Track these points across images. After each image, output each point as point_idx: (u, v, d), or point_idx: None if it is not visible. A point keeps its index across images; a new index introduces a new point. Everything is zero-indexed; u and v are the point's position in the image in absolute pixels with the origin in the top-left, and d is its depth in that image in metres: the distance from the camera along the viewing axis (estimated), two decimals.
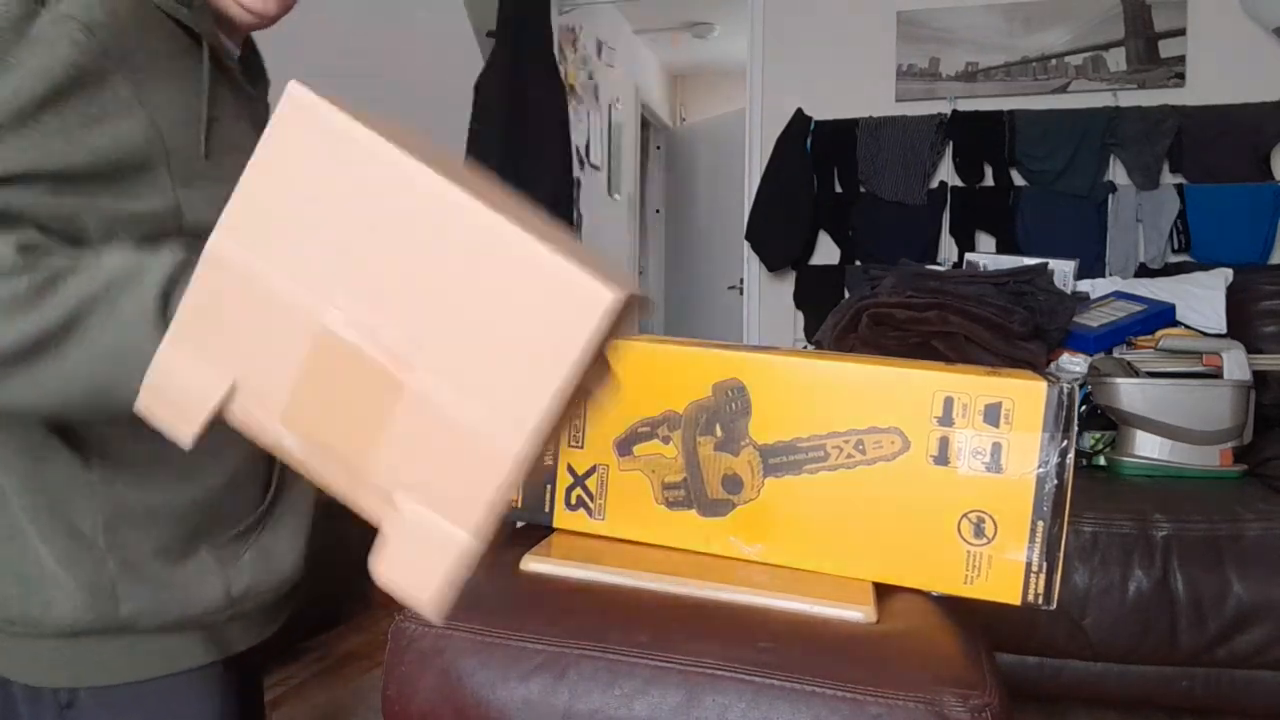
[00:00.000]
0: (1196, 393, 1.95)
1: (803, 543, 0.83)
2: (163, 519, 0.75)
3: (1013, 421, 0.77)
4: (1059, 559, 0.77)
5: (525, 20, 3.19)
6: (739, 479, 0.85)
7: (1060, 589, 1.41)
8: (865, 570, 0.82)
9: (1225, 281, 2.48)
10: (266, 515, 0.82)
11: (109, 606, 0.72)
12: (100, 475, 0.73)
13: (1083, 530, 1.73)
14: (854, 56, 3.48)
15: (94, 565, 0.72)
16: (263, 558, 0.80)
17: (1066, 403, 0.76)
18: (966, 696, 0.65)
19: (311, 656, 2.17)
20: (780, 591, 0.78)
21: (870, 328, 2.23)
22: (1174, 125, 3.10)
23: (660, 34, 5.59)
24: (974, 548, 0.79)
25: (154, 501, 0.74)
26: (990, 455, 0.78)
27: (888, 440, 0.80)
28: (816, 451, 0.82)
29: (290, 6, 0.78)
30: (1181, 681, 1.73)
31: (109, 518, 0.73)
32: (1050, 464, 0.77)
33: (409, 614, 0.77)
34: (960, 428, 0.78)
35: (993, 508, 0.78)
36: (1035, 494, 0.77)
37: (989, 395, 0.78)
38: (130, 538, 0.74)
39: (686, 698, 0.68)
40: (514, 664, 0.72)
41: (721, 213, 5.24)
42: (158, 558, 0.74)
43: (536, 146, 3.11)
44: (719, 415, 0.85)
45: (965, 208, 3.34)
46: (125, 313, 0.56)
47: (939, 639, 0.73)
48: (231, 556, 0.79)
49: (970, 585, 0.79)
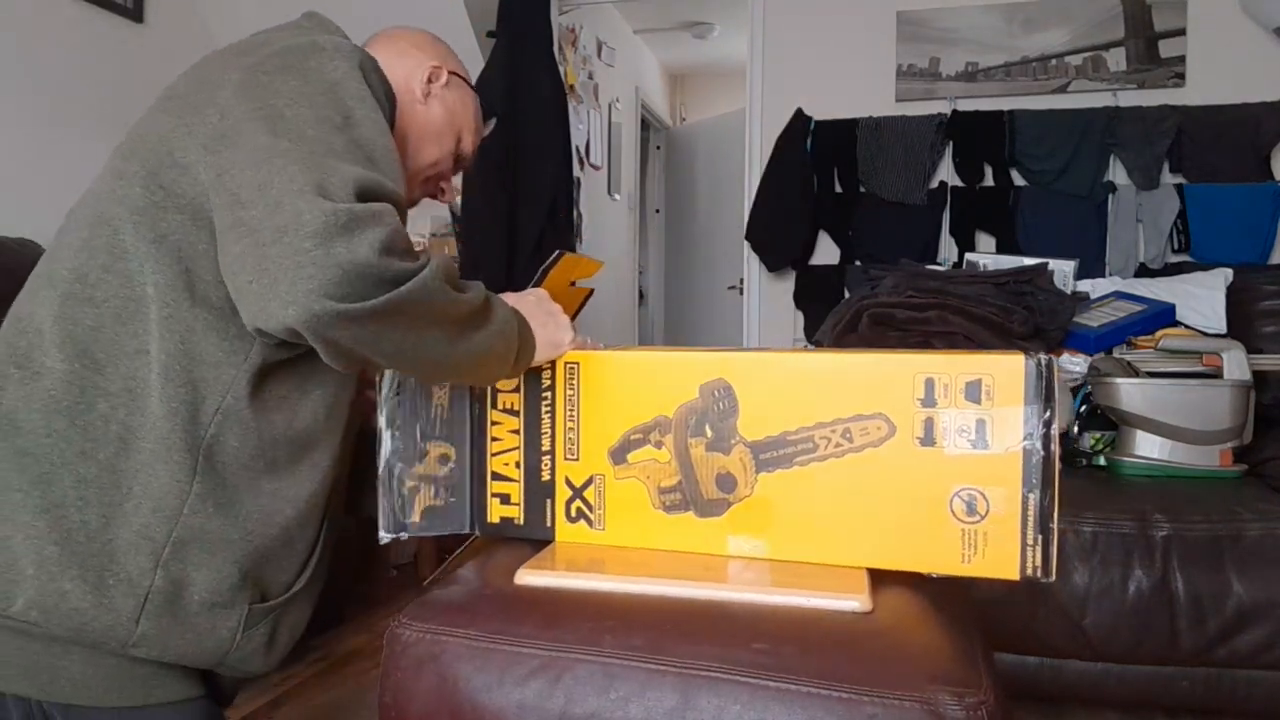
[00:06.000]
0: (1196, 393, 1.95)
1: (800, 535, 0.84)
2: (231, 554, 0.77)
3: (994, 397, 0.78)
4: (1053, 530, 0.77)
5: (525, 20, 3.19)
6: (732, 477, 0.85)
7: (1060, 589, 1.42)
8: (864, 558, 0.82)
9: (1225, 281, 2.48)
10: (298, 594, 0.85)
11: (127, 619, 0.73)
12: (201, 490, 0.75)
13: (1083, 530, 1.73)
14: (854, 56, 3.48)
15: (139, 573, 0.73)
16: (268, 639, 0.83)
17: (1046, 373, 0.76)
18: (962, 695, 0.64)
19: (312, 656, 2.17)
20: (774, 586, 0.78)
21: (870, 328, 2.23)
22: (1174, 125, 3.10)
23: (660, 34, 5.59)
24: (968, 526, 0.79)
25: (233, 535, 0.77)
26: (975, 432, 0.79)
27: (874, 426, 0.81)
28: (805, 443, 0.83)
29: None
30: (1181, 681, 1.73)
31: (187, 534, 0.74)
32: (1035, 435, 0.77)
33: (404, 619, 0.78)
34: (943, 408, 0.79)
35: (983, 484, 0.78)
36: (1023, 467, 0.77)
37: (968, 373, 0.78)
38: (193, 559, 0.75)
39: (682, 700, 0.68)
40: (509, 668, 0.72)
41: (721, 213, 5.24)
42: (199, 591, 0.76)
43: (536, 146, 3.11)
44: (708, 416, 0.86)
45: (965, 208, 3.34)
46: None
47: (935, 636, 0.73)
48: (252, 624, 0.80)
49: (969, 564, 0.79)
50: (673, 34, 5.62)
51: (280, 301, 0.64)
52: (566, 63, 4.13)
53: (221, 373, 0.76)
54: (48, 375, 0.74)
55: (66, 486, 0.72)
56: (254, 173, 0.69)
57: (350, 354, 0.69)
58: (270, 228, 0.65)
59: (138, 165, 0.78)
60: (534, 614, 0.77)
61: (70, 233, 0.81)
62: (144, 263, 0.75)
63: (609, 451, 0.89)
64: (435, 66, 1.01)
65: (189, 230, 0.75)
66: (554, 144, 3.14)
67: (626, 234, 5.39)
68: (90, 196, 0.82)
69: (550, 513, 0.92)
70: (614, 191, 5.06)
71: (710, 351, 0.88)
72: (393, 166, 0.76)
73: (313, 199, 0.65)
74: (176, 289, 0.75)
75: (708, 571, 0.83)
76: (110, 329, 0.75)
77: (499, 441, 0.93)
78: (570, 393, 0.90)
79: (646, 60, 5.91)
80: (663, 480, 0.88)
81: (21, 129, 2.45)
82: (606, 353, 0.90)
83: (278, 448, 0.79)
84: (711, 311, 5.48)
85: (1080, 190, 3.19)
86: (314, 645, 2.24)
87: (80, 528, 0.72)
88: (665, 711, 0.68)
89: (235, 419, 0.76)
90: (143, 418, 0.74)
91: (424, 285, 0.68)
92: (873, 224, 3.41)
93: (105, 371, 0.74)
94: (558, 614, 0.76)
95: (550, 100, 3.16)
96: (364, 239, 0.65)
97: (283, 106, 0.73)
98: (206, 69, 0.81)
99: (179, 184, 0.75)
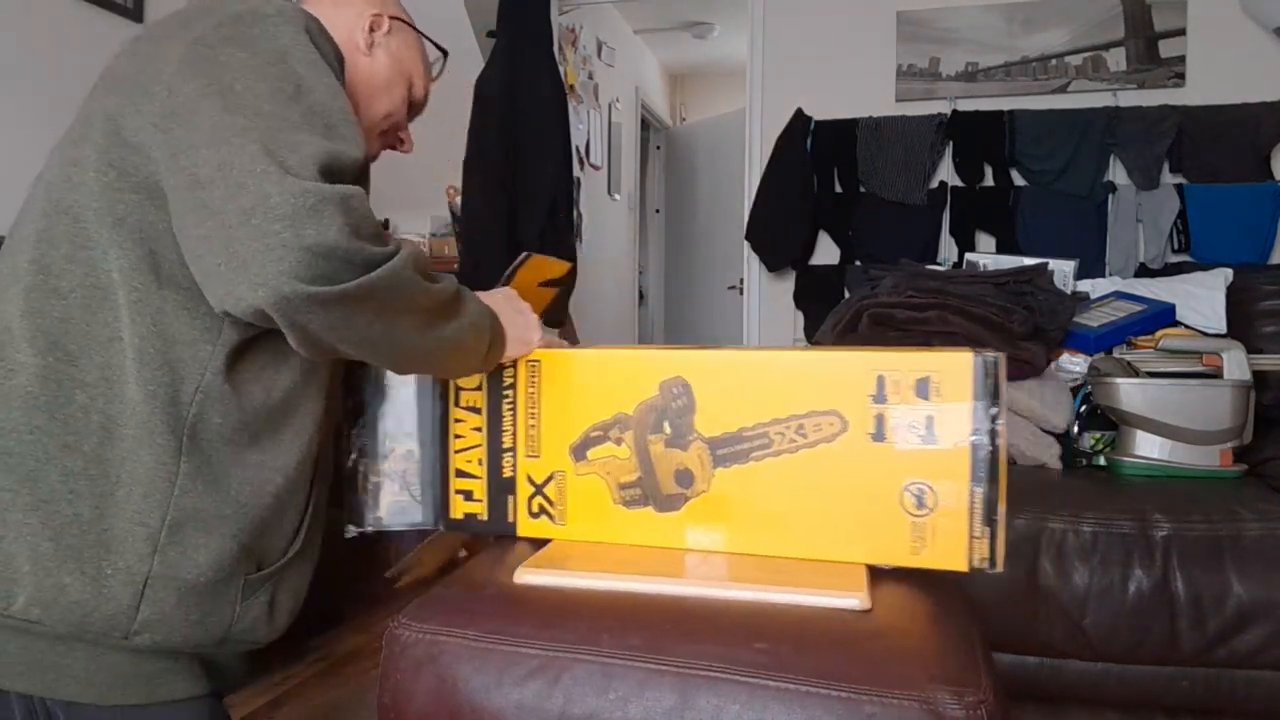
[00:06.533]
0: (1196, 393, 1.95)
1: (757, 529, 0.86)
2: (227, 529, 0.76)
3: (943, 393, 0.80)
4: (999, 522, 0.79)
5: (525, 20, 3.19)
6: (690, 473, 0.87)
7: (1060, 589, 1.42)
8: (818, 550, 0.84)
9: (1225, 281, 2.48)
10: (293, 558, 0.84)
11: (126, 608, 0.73)
12: (189, 469, 0.74)
13: (1083, 530, 1.73)
14: (854, 56, 3.48)
15: (137, 559, 0.73)
16: (268, 606, 0.83)
17: (993, 371, 0.78)
18: (961, 694, 0.64)
19: (312, 656, 2.17)
20: (773, 584, 0.79)
21: (870, 328, 2.23)
22: (1174, 125, 3.10)
23: (660, 34, 5.59)
24: (918, 518, 0.81)
25: (225, 510, 0.76)
26: (925, 428, 0.80)
27: (827, 422, 0.83)
28: (761, 439, 0.85)
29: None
30: (1181, 681, 1.72)
31: (181, 516, 0.74)
32: (982, 431, 0.79)
33: (403, 619, 0.78)
34: (894, 404, 0.81)
35: (932, 478, 0.80)
36: (971, 461, 0.79)
37: (918, 371, 0.80)
38: (190, 540, 0.75)
39: (681, 700, 0.68)
40: (508, 669, 0.72)
41: (721, 213, 5.24)
42: (198, 570, 0.75)
43: (536, 146, 3.11)
44: (666, 413, 0.88)
45: (965, 208, 3.34)
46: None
47: (934, 635, 0.73)
48: (250, 593, 0.80)
49: (918, 555, 0.82)
50: (673, 34, 5.62)
51: (249, 284, 0.64)
52: (566, 63, 4.14)
53: (198, 351, 0.75)
54: (21, 371, 0.73)
55: (54, 481, 0.72)
56: (211, 152, 0.68)
57: (319, 340, 0.69)
58: (235, 209, 0.65)
59: (89, 150, 0.76)
60: (532, 614, 0.77)
61: (26, 225, 0.79)
62: (107, 249, 0.74)
63: (570, 448, 0.91)
64: (376, 15, 0.97)
65: (147, 210, 0.74)
66: (554, 144, 3.14)
67: (626, 234, 5.39)
68: (42, 186, 0.80)
69: (513, 508, 0.94)
70: (614, 191, 5.06)
71: (669, 350, 0.90)
72: (351, 129, 0.75)
73: (279, 179, 0.65)
74: (141, 272, 0.74)
75: (707, 568, 0.84)
76: (79, 319, 0.74)
77: (462, 439, 0.95)
78: (532, 390, 0.92)
79: (646, 60, 5.91)
80: (622, 476, 0.90)
81: (22, 129, 2.45)
82: (567, 351, 0.92)
83: (260, 419, 0.79)
84: (711, 311, 5.48)
85: (1080, 190, 3.19)
86: (314, 645, 2.24)
87: (73, 521, 0.72)
88: (664, 711, 0.68)
89: (215, 395, 0.75)
90: (122, 405, 0.73)
91: (394, 272, 0.69)
92: (873, 224, 3.41)
93: (79, 363, 0.74)
94: (556, 614, 0.76)
95: (550, 100, 3.16)
96: (334, 221, 0.65)
97: (232, 80, 0.71)
98: (148, 44, 0.79)
99: (131, 163, 0.74)
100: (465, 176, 3.11)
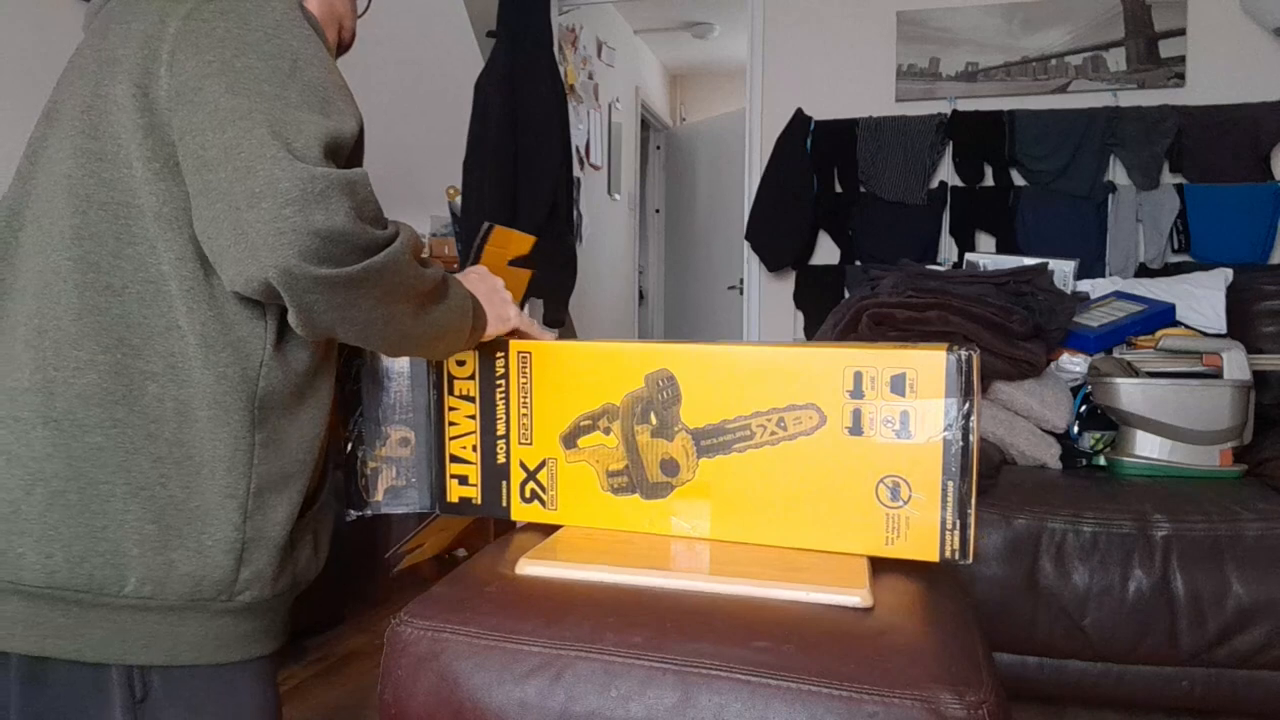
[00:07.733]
0: (1196, 393, 1.95)
1: (738, 517, 0.89)
2: (297, 485, 0.82)
3: (917, 390, 0.82)
4: (970, 516, 0.82)
5: (525, 20, 3.19)
6: (675, 462, 0.91)
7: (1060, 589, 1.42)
8: (796, 539, 0.87)
9: (1225, 281, 2.48)
10: (326, 500, 0.90)
11: (230, 572, 0.78)
12: (262, 438, 0.79)
13: (1083, 530, 1.73)
14: (854, 56, 3.48)
15: (232, 528, 0.78)
16: (313, 545, 0.89)
17: (966, 368, 0.81)
18: (963, 694, 0.64)
19: (312, 656, 2.17)
20: (776, 580, 0.79)
21: (870, 328, 2.23)
22: (1174, 125, 3.10)
23: (660, 34, 5.59)
24: (892, 510, 0.84)
25: (291, 469, 0.82)
26: (900, 423, 0.83)
27: (806, 416, 0.86)
28: (743, 431, 0.88)
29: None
30: (1181, 681, 1.73)
31: (261, 482, 0.79)
32: (955, 426, 0.81)
33: (405, 616, 0.78)
34: (870, 399, 0.84)
35: (906, 472, 0.83)
36: (944, 456, 0.82)
37: (894, 367, 0.83)
38: (270, 502, 0.80)
39: (683, 698, 0.68)
40: (510, 666, 0.73)
41: (721, 213, 5.24)
42: (281, 526, 0.81)
43: (536, 146, 3.11)
44: (652, 404, 0.91)
45: (965, 208, 3.34)
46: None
47: (935, 635, 0.73)
48: (302, 536, 0.86)
49: (891, 546, 0.84)
50: (673, 34, 5.62)
51: (259, 265, 0.67)
52: (566, 63, 4.14)
53: (255, 328, 0.78)
54: (90, 369, 0.75)
55: (146, 468, 0.75)
56: (217, 135, 0.70)
57: (321, 321, 0.72)
58: (244, 192, 0.67)
59: (109, 143, 0.76)
60: (534, 611, 0.77)
61: (48, 221, 0.78)
62: (154, 242, 0.76)
63: (560, 437, 0.95)
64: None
65: (184, 196, 0.75)
66: (554, 144, 3.14)
67: (626, 234, 5.39)
68: (51, 180, 0.79)
69: (506, 493, 0.98)
70: (614, 191, 5.06)
71: (655, 343, 0.93)
72: (347, 102, 0.77)
73: (287, 163, 0.67)
74: (189, 260, 0.76)
75: (708, 561, 0.85)
76: (137, 313, 0.76)
77: (456, 426, 0.99)
78: (523, 381, 0.96)
79: (646, 60, 5.92)
80: (611, 464, 0.93)
81: (21, 129, 2.45)
82: (557, 343, 0.96)
83: (304, 378, 0.83)
84: (711, 311, 5.49)
85: (1080, 190, 3.19)
86: (314, 645, 2.24)
87: (169, 502, 0.76)
88: (666, 709, 0.68)
89: (275, 366, 0.79)
90: (192, 389, 0.76)
91: (395, 256, 0.73)
92: (873, 224, 3.42)
93: (144, 354, 0.76)
94: (558, 611, 0.76)
95: (550, 100, 3.16)
96: (340, 206, 0.68)
97: (231, 58, 0.73)
98: (136, 22, 0.78)
99: (166, 151, 0.75)
100: (465, 176, 3.11)
